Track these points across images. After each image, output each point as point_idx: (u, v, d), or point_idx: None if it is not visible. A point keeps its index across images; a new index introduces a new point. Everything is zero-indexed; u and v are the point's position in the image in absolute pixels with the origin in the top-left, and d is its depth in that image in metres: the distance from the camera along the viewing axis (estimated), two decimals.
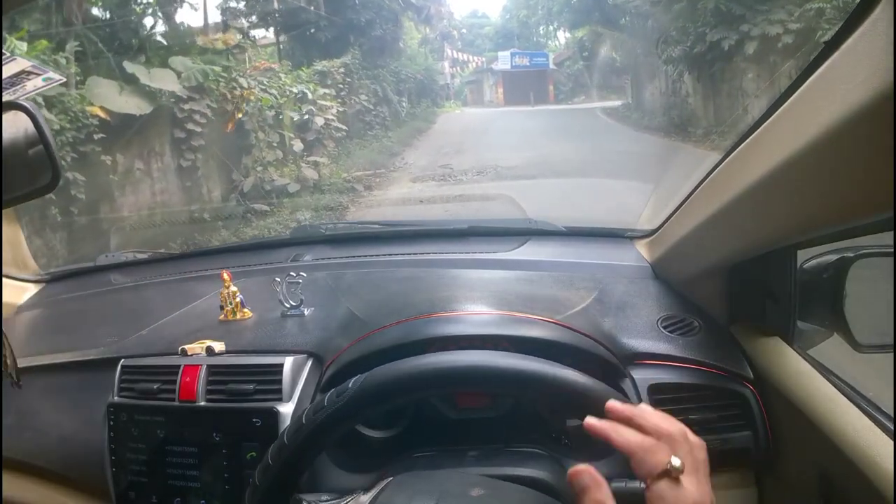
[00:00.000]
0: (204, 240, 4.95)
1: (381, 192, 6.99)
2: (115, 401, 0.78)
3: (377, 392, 0.52)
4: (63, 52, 5.21)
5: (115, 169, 5.33)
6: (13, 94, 1.29)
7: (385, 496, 0.56)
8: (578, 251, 1.10)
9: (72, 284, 1.22)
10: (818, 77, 0.43)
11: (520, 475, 0.65)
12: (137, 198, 5.60)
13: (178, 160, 5.97)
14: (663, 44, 8.91)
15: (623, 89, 14.20)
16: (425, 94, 15.01)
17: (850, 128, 0.39)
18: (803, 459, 0.62)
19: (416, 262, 1.11)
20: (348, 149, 8.77)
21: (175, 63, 6.01)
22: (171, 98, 5.82)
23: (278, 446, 0.53)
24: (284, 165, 6.96)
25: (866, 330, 0.67)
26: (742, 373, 0.70)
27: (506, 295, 0.87)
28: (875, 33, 0.36)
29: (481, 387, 0.55)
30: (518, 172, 7.18)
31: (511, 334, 0.72)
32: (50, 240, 4.60)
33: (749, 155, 0.56)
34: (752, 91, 7.22)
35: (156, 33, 6.99)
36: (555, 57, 20.83)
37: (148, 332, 0.89)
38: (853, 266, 0.67)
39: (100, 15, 6.53)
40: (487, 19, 26.80)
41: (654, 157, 7.33)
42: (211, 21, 8.52)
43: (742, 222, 0.61)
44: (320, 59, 9.71)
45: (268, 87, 7.14)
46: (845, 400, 0.58)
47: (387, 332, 0.75)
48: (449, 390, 0.71)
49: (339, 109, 8.88)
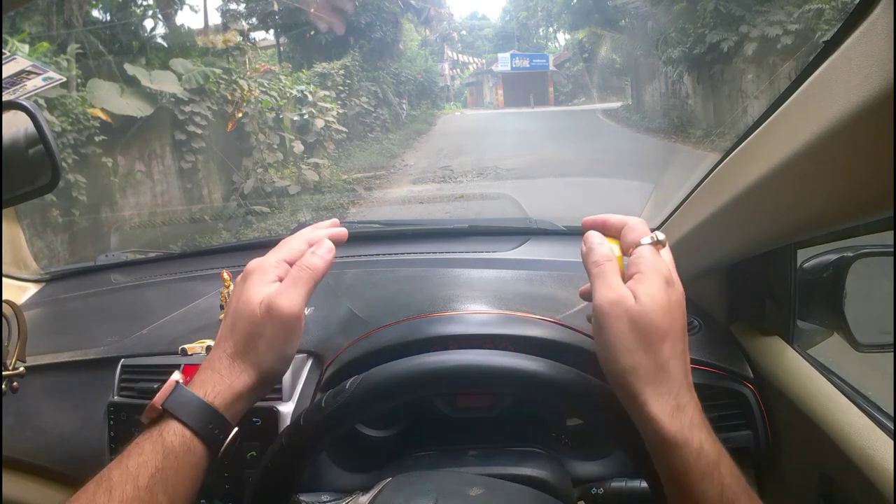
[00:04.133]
0: (205, 241, 4.96)
1: (381, 194, 7.00)
2: (115, 400, 0.79)
3: (375, 392, 0.52)
4: (64, 55, 5.22)
5: (116, 171, 5.34)
6: (13, 93, 1.29)
7: (384, 496, 0.56)
8: (578, 250, 1.09)
9: (72, 284, 1.22)
10: (817, 77, 0.43)
11: (519, 474, 0.65)
12: (138, 199, 5.61)
13: (179, 162, 5.98)
14: (663, 45, 8.93)
15: (623, 91, 14.23)
16: (425, 96, 15.04)
17: (850, 128, 0.39)
18: (803, 459, 0.62)
19: (417, 262, 1.11)
20: (348, 151, 8.79)
21: (176, 65, 6.03)
22: (172, 100, 5.83)
23: (277, 447, 0.53)
24: (285, 167, 6.97)
25: (866, 329, 0.67)
26: (742, 372, 0.70)
27: (506, 294, 0.87)
28: (875, 33, 0.36)
29: (479, 386, 0.55)
30: (518, 174, 7.20)
31: (511, 333, 0.72)
32: (51, 241, 4.60)
33: (749, 155, 0.56)
34: (752, 92, 7.23)
35: (156, 35, 7.01)
36: (554, 58, 20.88)
37: (148, 332, 0.89)
38: (853, 266, 0.67)
39: (100, 17, 6.56)
40: (487, 21, 26.89)
41: (654, 158, 7.35)
42: (211, 23, 8.55)
43: (742, 222, 0.61)
44: (320, 61, 9.74)
45: (268, 89, 7.15)
46: (845, 400, 0.58)
47: (387, 331, 0.75)
48: (447, 390, 0.71)
49: (340, 111, 8.89)
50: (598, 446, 0.73)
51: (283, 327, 0.48)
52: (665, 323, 0.42)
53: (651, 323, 0.42)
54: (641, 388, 0.41)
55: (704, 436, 0.41)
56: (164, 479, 0.43)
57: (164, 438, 0.44)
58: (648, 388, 0.41)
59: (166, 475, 0.43)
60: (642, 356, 0.42)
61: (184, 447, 0.44)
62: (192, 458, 0.45)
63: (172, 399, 0.45)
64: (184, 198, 6.07)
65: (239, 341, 0.48)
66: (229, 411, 0.47)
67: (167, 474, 0.43)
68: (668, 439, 0.40)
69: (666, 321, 0.43)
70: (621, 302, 0.43)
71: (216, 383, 0.47)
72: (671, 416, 0.41)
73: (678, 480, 0.40)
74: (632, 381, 0.42)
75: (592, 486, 0.65)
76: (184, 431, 0.45)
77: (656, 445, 0.41)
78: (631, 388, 0.42)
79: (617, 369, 0.42)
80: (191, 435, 0.45)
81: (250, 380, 0.48)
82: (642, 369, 0.41)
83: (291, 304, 0.48)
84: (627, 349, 0.42)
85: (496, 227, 1.26)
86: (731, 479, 0.40)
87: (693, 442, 0.40)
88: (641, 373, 0.41)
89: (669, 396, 0.41)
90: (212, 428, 0.46)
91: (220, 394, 0.47)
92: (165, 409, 0.45)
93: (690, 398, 0.42)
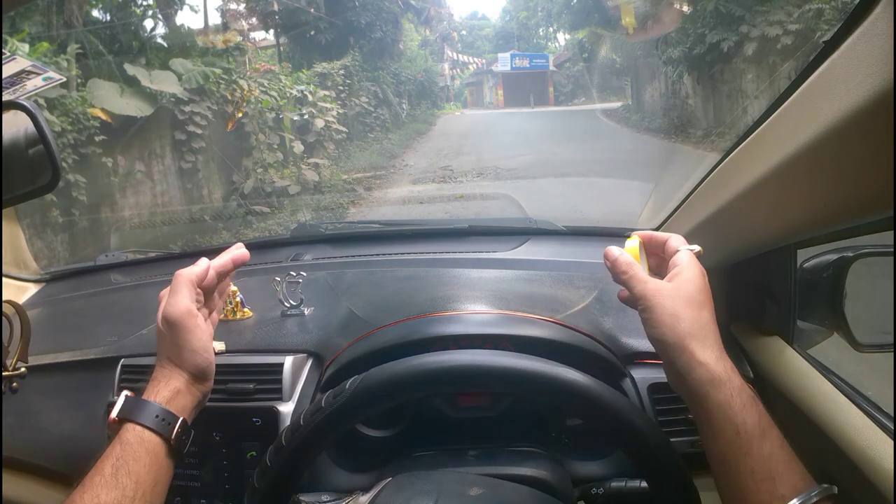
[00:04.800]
0: (205, 241, 4.96)
1: (381, 194, 7.00)
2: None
3: (375, 393, 0.52)
4: (64, 55, 5.22)
5: (116, 171, 5.33)
6: (13, 93, 1.29)
7: (384, 496, 0.56)
8: (578, 250, 1.10)
9: (72, 284, 1.22)
10: (818, 77, 0.43)
11: (519, 474, 0.65)
12: (138, 199, 5.61)
13: (179, 162, 5.97)
14: (663, 45, 8.93)
15: (623, 91, 14.22)
16: (425, 96, 15.04)
17: (850, 127, 0.39)
18: (803, 459, 0.62)
19: (417, 262, 1.11)
20: (348, 151, 8.78)
21: (175, 65, 6.02)
22: (172, 100, 5.83)
23: (277, 448, 0.53)
24: (285, 167, 6.96)
25: (866, 329, 0.67)
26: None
27: (506, 294, 0.87)
28: (875, 33, 0.36)
29: (479, 386, 0.55)
30: (518, 174, 7.20)
31: (511, 333, 0.72)
32: (51, 241, 4.60)
33: (749, 155, 0.56)
34: (752, 92, 7.23)
35: (156, 35, 7.01)
36: (554, 58, 20.87)
37: (148, 332, 0.89)
38: (853, 266, 0.67)
39: (100, 17, 6.55)
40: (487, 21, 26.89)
41: (654, 158, 7.35)
42: (211, 23, 8.55)
43: (742, 222, 0.61)
44: (320, 60, 9.73)
45: (268, 89, 7.14)
46: (845, 399, 0.58)
47: (387, 331, 0.75)
48: (446, 390, 0.71)
49: (340, 111, 8.89)
50: (598, 446, 0.73)
51: (177, 328, 0.59)
52: (702, 296, 0.54)
53: (692, 295, 0.54)
54: (691, 343, 0.51)
55: (742, 380, 0.50)
56: (124, 465, 0.53)
57: (121, 438, 0.55)
58: (696, 342, 0.51)
59: (126, 462, 0.53)
60: (688, 320, 0.52)
61: (137, 439, 0.55)
62: (147, 446, 0.55)
63: (124, 408, 0.57)
64: (184, 198, 6.06)
65: (162, 352, 0.61)
66: (173, 405, 0.58)
67: (126, 461, 0.53)
68: (716, 378, 0.49)
69: (703, 295, 0.54)
70: (659, 286, 0.55)
71: (156, 387, 0.59)
72: (717, 361, 0.50)
73: (724, 409, 0.49)
74: (683, 338, 0.52)
75: (592, 486, 0.65)
76: (134, 427, 0.55)
77: (706, 385, 0.50)
78: (683, 343, 0.52)
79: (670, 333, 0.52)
80: (141, 429, 0.55)
81: (182, 376, 0.60)
82: (690, 328, 0.52)
83: (173, 307, 0.60)
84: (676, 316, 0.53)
85: (496, 227, 1.26)
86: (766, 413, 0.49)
87: (735, 379, 0.50)
88: (690, 331, 0.52)
89: (713, 348, 0.52)
90: (159, 419, 0.56)
91: (159, 392, 0.58)
92: (120, 417, 0.56)
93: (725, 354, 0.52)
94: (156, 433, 0.56)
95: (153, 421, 0.56)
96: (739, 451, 0.47)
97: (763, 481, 0.46)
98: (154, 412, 0.56)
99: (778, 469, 0.46)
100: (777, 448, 0.47)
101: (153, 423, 0.56)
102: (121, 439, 0.55)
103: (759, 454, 0.47)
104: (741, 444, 0.47)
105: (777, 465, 0.46)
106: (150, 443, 0.55)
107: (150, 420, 0.56)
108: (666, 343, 0.53)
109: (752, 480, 0.46)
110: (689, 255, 0.58)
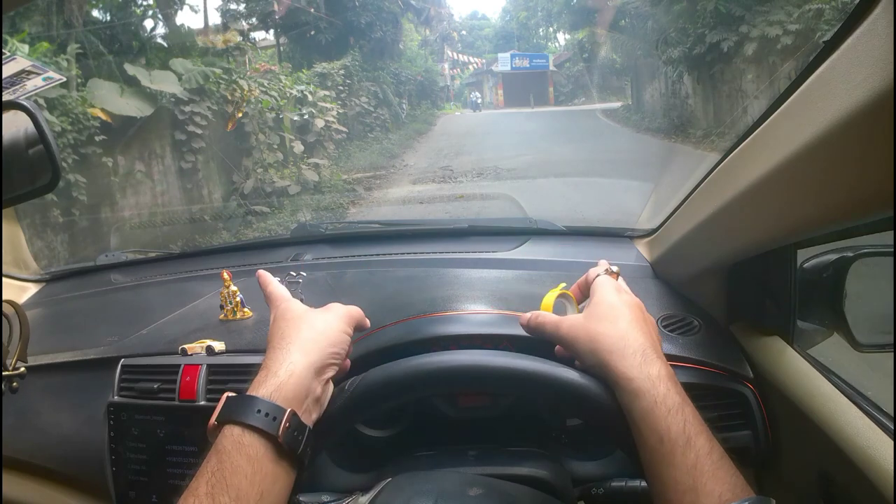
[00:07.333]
0: (205, 241, 4.96)
1: (381, 194, 7.00)
2: (115, 400, 0.78)
3: (374, 393, 0.52)
4: (64, 55, 5.22)
5: (116, 171, 5.33)
6: (13, 93, 1.29)
7: (384, 496, 0.56)
8: (578, 250, 1.10)
9: (72, 284, 1.22)
10: (818, 77, 0.43)
11: (519, 474, 0.65)
12: (138, 199, 5.61)
13: (179, 162, 5.97)
14: (663, 45, 8.93)
15: (623, 91, 14.23)
16: (425, 96, 15.04)
17: (850, 127, 0.39)
18: (803, 459, 0.62)
19: (417, 262, 1.11)
20: (348, 151, 8.78)
21: (175, 65, 6.02)
22: (172, 100, 5.83)
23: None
24: (285, 167, 6.96)
25: (866, 329, 0.66)
26: (742, 372, 0.70)
27: (506, 294, 0.87)
28: (875, 33, 0.36)
29: (479, 386, 0.55)
30: (518, 174, 7.19)
31: (511, 333, 0.72)
32: (51, 241, 4.60)
33: (749, 154, 0.56)
34: (752, 92, 7.23)
35: (156, 35, 7.01)
36: (554, 58, 20.87)
37: (148, 332, 0.89)
38: (853, 266, 0.67)
39: (100, 17, 6.56)
40: (487, 21, 26.89)
41: (654, 158, 7.35)
42: (211, 23, 8.55)
43: (742, 222, 0.61)
44: (320, 61, 9.73)
45: (268, 89, 7.15)
46: (845, 399, 0.58)
47: (387, 331, 0.75)
48: (447, 390, 0.71)
49: (340, 111, 8.89)
50: (598, 446, 0.73)
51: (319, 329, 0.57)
52: (615, 310, 0.55)
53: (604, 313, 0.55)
54: (611, 358, 0.51)
55: (671, 386, 0.49)
56: (221, 481, 0.44)
57: (217, 446, 0.46)
58: (615, 356, 0.51)
59: (223, 475, 0.44)
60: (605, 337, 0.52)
61: (234, 445, 0.46)
62: (247, 451, 0.46)
63: (223, 411, 0.48)
64: (184, 198, 6.06)
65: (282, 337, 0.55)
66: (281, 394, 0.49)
67: (223, 475, 0.44)
68: (637, 388, 0.49)
69: (616, 309, 0.55)
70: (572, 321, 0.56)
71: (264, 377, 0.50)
72: (638, 370, 0.50)
73: (647, 418, 0.48)
74: (604, 357, 0.52)
75: (592, 486, 0.65)
76: (233, 430, 0.47)
77: (629, 396, 0.49)
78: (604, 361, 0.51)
79: (592, 358, 0.53)
80: (239, 431, 0.46)
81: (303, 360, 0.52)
82: (608, 345, 0.52)
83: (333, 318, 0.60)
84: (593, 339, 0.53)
85: (496, 227, 1.26)
86: (694, 419, 0.47)
87: (659, 388, 0.48)
88: (608, 348, 0.52)
89: (634, 357, 0.51)
90: (261, 414, 0.47)
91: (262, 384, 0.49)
92: (218, 421, 0.48)
93: (657, 359, 0.51)
94: (257, 432, 0.46)
95: (254, 417, 0.47)
96: (663, 461, 0.46)
97: (685, 493, 0.44)
98: (255, 407, 0.47)
99: (701, 480, 0.44)
100: (703, 456, 0.45)
101: (257, 420, 0.46)
102: (216, 448, 0.46)
103: (683, 463, 0.45)
104: (665, 453, 0.46)
105: (700, 475, 0.44)
106: (250, 447, 0.46)
107: (251, 417, 0.47)
108: (593, 368, 0.53)
109: (674, 492, 0.45)
110: (602, 277, 0.60)
